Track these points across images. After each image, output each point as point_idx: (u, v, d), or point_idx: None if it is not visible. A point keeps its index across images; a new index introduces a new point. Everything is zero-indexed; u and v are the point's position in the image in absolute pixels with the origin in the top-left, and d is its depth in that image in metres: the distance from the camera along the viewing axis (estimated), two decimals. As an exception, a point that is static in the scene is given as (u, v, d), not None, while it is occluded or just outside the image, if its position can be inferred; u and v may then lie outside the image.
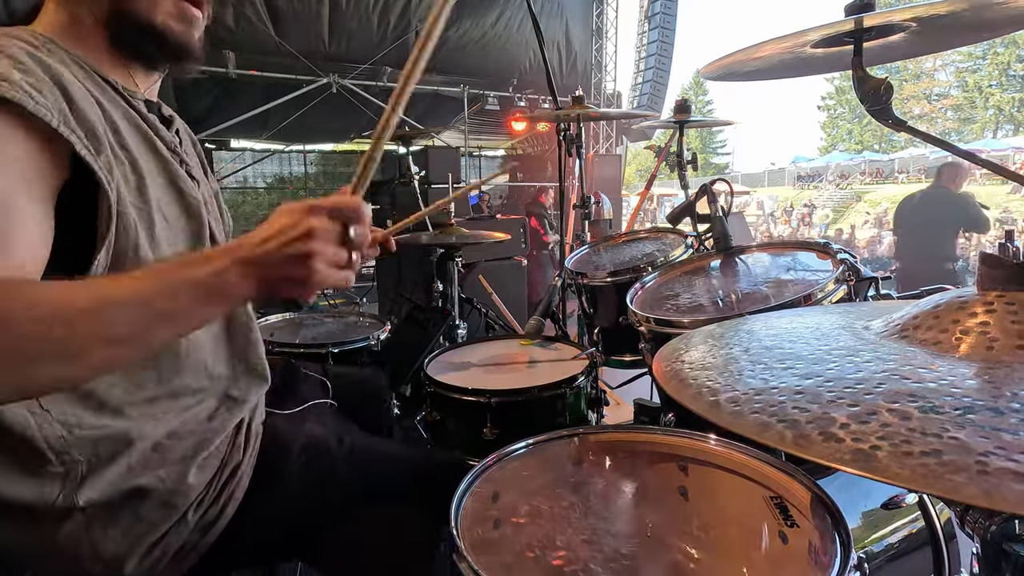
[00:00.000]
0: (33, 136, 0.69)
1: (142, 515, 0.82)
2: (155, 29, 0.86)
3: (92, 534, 0.79)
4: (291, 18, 6.54)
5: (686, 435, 0.95)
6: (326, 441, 1.04)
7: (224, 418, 0.91)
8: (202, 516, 0.87)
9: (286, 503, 0.94)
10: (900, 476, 0.37)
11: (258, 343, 0.99)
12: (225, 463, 0.90)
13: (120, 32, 0.85)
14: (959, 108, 31.27)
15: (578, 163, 2.39)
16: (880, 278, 1.21)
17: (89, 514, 0.78)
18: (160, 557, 0.84)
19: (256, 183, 10.94)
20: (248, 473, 0.93)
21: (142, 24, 0.85)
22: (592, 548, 0.73)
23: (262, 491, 0.93)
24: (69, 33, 0.83)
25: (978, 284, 0.57)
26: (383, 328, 1.94)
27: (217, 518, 0.88)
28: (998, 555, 0.56)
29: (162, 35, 0.86)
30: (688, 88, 38.16)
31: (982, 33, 0.94)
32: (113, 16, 0.84)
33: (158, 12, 0.86)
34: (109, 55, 0.86)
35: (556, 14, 8.65)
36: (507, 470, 0.91)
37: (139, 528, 0.82)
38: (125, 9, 0.84)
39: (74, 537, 0.78)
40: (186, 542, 0.85)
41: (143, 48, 0.88)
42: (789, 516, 0.76)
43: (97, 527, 0.79)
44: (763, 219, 21.95)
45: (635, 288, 1.44)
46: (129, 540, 0.81)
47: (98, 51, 0.85)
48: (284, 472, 0.96)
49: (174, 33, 0.87)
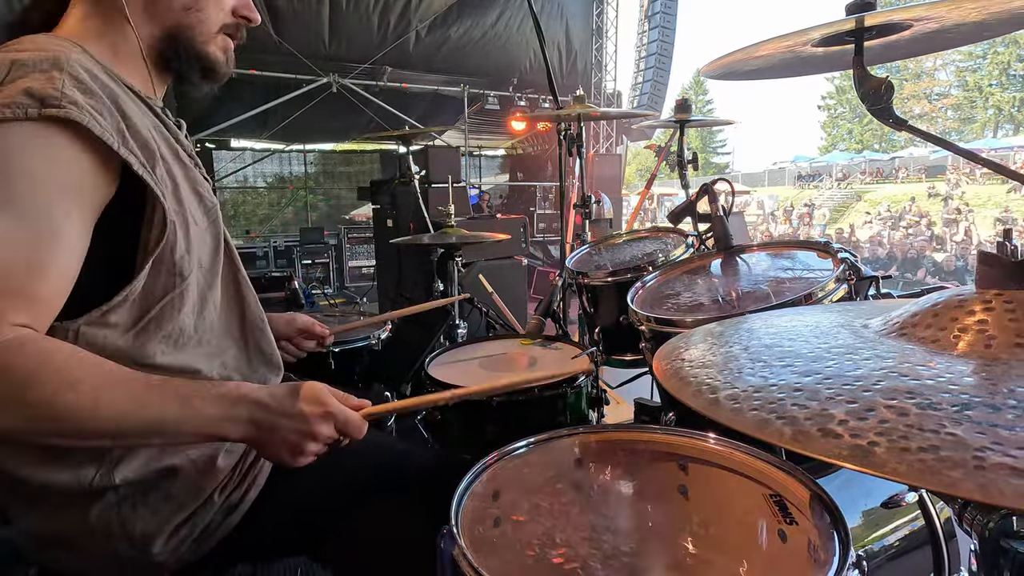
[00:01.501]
0: (95, 158, 0.75)
1: (172, 495, 0.86)
2: (207, 59, 0.92)
3: (123, 513, 0.82)
4: (291, 18, 6.54)
5: (686, 434, 0.95)
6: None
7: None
8: (227, 498, 0.91)
9: (301, 491, 0.98)
10: (898, 471, 0.38)
11: (269, 333, 1.03)
12: (249, 449, 0.94)
13: (168, 54, 0.90)
14: (959, 107, 31.25)
15: (578, 162, 2.40)
16: (880, 277, 1.22)
17: (122, 493, 0.82)
18: (186, 537, 0.87)
19: (256, 183, 10.94)
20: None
21: (196, 53, 0.91)
22: (592, 546, 0.73)
23: (281, 478, 0.97)
24: (99, 43, 0.85)
25: (977, 283, 0.57)
26: (383, 327, 1.95)
27: (240, 501, 0.92)
28: (996, 552, 0.56)
29: (209, 63, 0.93)
30: (688, 87, 38.13)
31: (982, 33, 0.94)
32: (165, 40, 0.89)
33: (211, 45, 0.92)
34: (137, 67, 0.89)
35: (556, 14, 8.65)
36: (508, 469, 0.91)
37: (168, 507, 0.85)
38: (182, 37, 0.89)
39: (105, 517, 0.82)
40: (211, 522, 0.89)
41: (187, 71, 0.93)
42: (788, 514, 0.76)
43: (128, 506, 0.83)
44: (763, 219, 21.95)
45: (636, 287, 1.44)
46: (158, 519, 0.85)
47: (127, 61, 0.88)
48: None
49: (218, 62, 0.94)
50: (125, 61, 0.87)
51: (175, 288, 0.83)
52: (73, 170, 0.73)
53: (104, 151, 0.74)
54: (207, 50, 0.92)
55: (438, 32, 7.55)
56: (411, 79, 7.98)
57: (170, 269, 0.82)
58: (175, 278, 0.83)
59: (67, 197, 0.73)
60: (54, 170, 0.72)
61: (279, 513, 0.96)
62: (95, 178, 0.75)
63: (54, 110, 0.70)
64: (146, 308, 0.81)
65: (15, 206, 0.69)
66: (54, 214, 0.71)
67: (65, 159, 0.72)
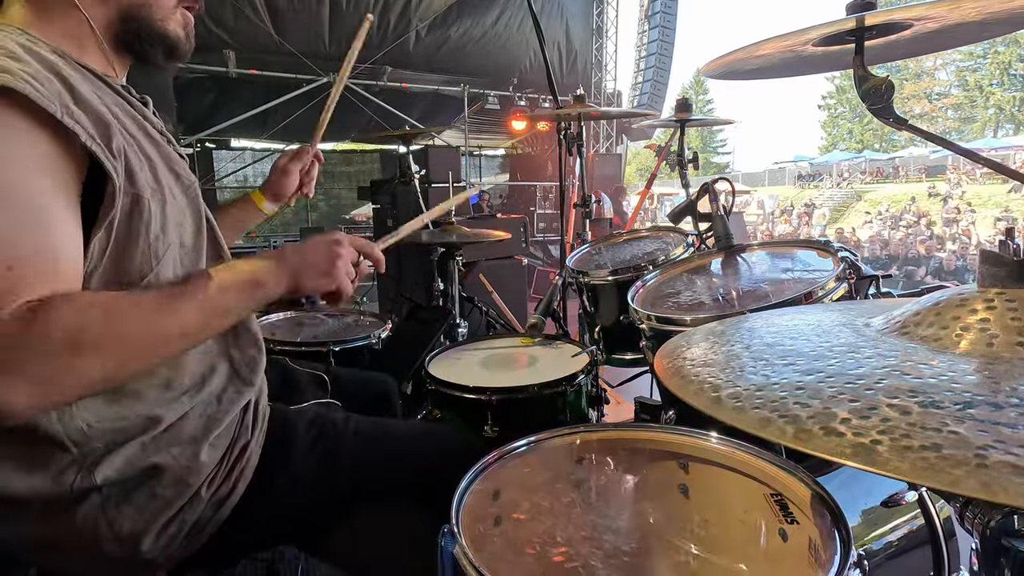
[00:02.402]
0: (47, 132, 0.69)
1: (157, 493, 0.84)
2: (166, 38, 0.90)
3: (108, 513, 0.81)
4: (291, 18, 6.54)
5: (686, 433, 0.95)
6: (333, 419, 1.08)
7: (232, 398, 0.94)
8: (215, 492, 0.90)
9: (293, 480, 0.97)
10: (900, 470, 0.38)
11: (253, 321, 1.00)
12: (235, 441, 0.94)
13: (125, 35, 0.87)
14: (960, 107, 31.26)
15: (578, 162, 2.40)
16: (881, 276, 1.22)
17: (105, 493, 0.81)
18: (175, 534, 0.86)
19: (256, 182, 10.83)
20: (257, 451, 0.96)
21: (154, 32, 0.89)
22: (592, 545, 0.73)
23: (271, 468, 0.96)
24: (47, 28, 0.81)
25: (979, 281, 0.57)
26: (384, 327, 1.95)
27: (229, 494, 0.91)
28: (997, 551, 0.56)
29: (170, 42, 0.91)
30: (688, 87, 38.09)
31: (982, 33, 0.94)
32: (121, 22, 0.86)
33: (170, 22, 0.89)
34: (94, 48, 0.85)
35: (556, 13, 8.65)
36: (508, 467, 0.91)
37: (154, 505, 0.84)
38: (137, 16, 0.87)
39: (91, 518, 0.81)
40: (200, 518, 0.88)
41: (147, 51, 0.90)
42: (789, 513, 0.76)
43: (113, 506, 0.82)
44: (764, 218, 21.94)
45: (636, 286, 1.44)
46: (145, 517, 0.84)
47: (81, 44, 0.84)
48: (292, 449, 1.00)
49: (179, 39, 0.92)
50: (79, 44, 0.83)
51: (152, 271, 0.80)
52: (23, 143, 0.67)
53: (53, 124, 0.69)
54: (166, 28, 0.89)
55: (438, 32, 7.55)
56: (411, 79, 7.98)
57: (145, 251, 0.79)
58: (151, 260, 0.80)
59: (40, 175, 0.68)
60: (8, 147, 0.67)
61: (271, 506, 0.95)
62: (53, 150, 0.70)
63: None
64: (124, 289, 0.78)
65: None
66: (30, 192, 0.67)
67: (10, 131, 0.67)
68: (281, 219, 11.13)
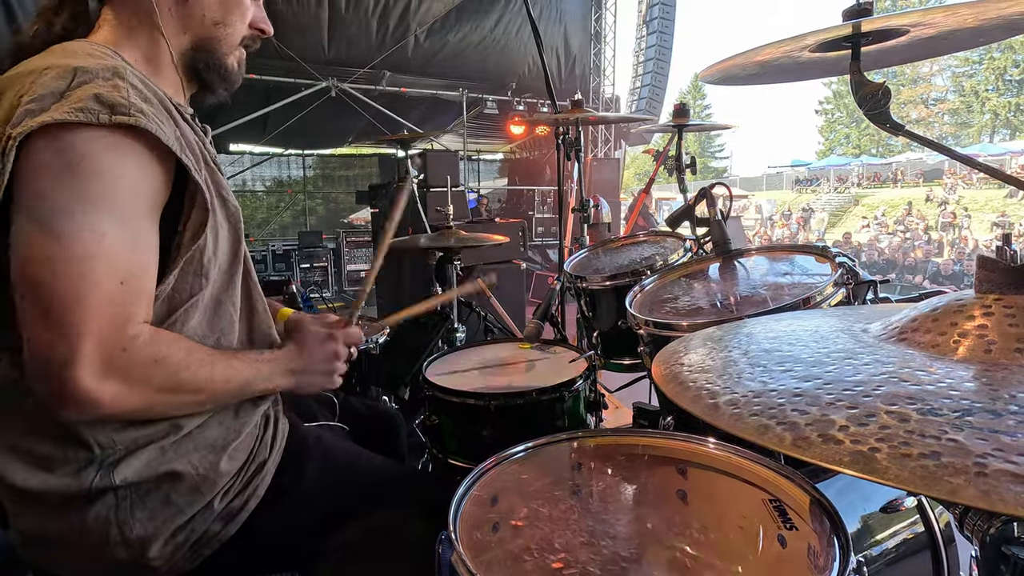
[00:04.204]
0: (159, 164, 0.79)
1: (171, 499, 0.86)
2: (227, 69, 0.98)
3: (120, 515, 0.83)
4: (291, 22, 6.55)
5: (685, 439, 0.95)
6: (343, 448, 1.12)
7: (248, 408, 0.96)
8: (227, 505, 0.91)
9: (301, 503, 0.98)
10: (899, 478, 0.37)
11: (276, 337, 1.05)
12: (253, 456, 0.95)
13: (197, 65, 0.95)
14: (956, 112, 31.39)
15: (577, 167, 2.40)
16: (879, 282, 1.21)
17: (121, 495, 0.83)
18: (183, 543, 0.87)
19: (255, 186, 10.95)
20: (272, 470, 0.97)
21: (218, 63, 0.96)
22: (591, 551, 0.73)
23: (282, 489, 0.97)
24: (133, 52, 0.88)
25: (976, 287, 0.57)
26: (382, 332, 1.94)
27: (240, 509, 0.92)
28: (997, 558, 0.56)
29: (229, 74, 0.99)
30: (686, 92, 38.23)
31: (978, 39, 0.94)
32: (194, 51, 0.94)
33: (232, 56, 0.98)
34: (169, 73, 0.93)
35: (555, 19, 8.68)
36: (506, 473, 0.91)
37: (167, 512, 0.86)
38: (208, 48, 0.94)
39: (102, 519, 0.82)
40: (208, 529, 0.89)
41: (210, 80, 0.97)
42: (788, 519, 0.76)
43: (125, 509, 0.83)
44: (761, 223, 21.98)
45: (634, 291, 1.44)
46: (156, 523, 0.85)
47: (158, 69, 0.91)
48: (303, 473, 1.01)
49: (235, 72, 1.00)
50: (156, 68, 0.91)
51: (201, 290, 0.86)
52: (143, 175, 0.78)
53: (165, 157, 0.79)
54: (227, 62, 0.97)
55: (437, 37, 7.58)
56: (410, 83, 8.00)
57: (197, 271, 0.85)
58: (201, 279, 0.86)
59: (143, 202, 0.78)
60: (129, 175, 0.76)
61: (278, 527, 0.95)
62: (159, 183, 0.80)
63: (124, 117, 0.73)
64: (173, 308, 0.85)
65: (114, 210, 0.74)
66: (140, 218, 0.78)
67: (135, 165, 0.76)
68: (280, 223, 11.14)
